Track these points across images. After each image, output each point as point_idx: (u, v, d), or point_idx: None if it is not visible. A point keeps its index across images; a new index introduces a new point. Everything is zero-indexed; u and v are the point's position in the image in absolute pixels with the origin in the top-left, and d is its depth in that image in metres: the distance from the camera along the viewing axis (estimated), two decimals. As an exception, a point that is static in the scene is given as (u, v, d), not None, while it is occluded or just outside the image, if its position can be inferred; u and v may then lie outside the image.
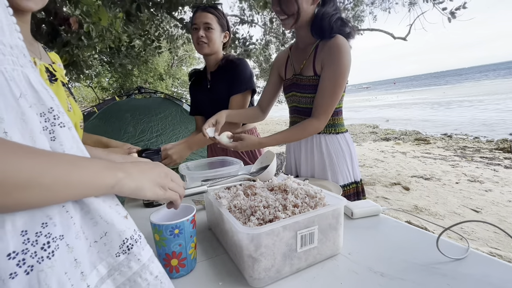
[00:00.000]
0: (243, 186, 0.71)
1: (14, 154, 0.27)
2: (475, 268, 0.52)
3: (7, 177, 0.25)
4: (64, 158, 0.32)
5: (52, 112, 0.34)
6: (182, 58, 13.27)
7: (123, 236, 0.36)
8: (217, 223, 0.68)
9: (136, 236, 0.38)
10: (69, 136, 0.36)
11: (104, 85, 11.52)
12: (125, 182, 0.38)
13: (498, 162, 4.21)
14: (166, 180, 0.47)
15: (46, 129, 0.33)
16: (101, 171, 0.35)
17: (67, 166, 0.31)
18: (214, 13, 1.25)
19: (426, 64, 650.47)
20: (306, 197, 0.61)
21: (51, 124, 0.34)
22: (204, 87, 1.41)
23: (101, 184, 0.35)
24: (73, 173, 0.31)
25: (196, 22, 1.24)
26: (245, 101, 1.30)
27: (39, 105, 0.33)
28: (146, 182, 0.42)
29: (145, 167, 0.44)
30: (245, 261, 0.51)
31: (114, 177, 0.37)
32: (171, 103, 3.33)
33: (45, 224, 0.29)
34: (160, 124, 3.13)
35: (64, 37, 2.54)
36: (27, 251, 0.27)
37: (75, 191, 0.32)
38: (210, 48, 1.27)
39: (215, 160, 1.12)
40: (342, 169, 1.06)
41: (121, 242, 0.36)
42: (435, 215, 2.65)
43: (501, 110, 9.94)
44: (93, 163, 0.35)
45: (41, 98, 0.33)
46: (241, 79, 1.28)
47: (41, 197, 0.29)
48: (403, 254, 0.58)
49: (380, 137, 7.24)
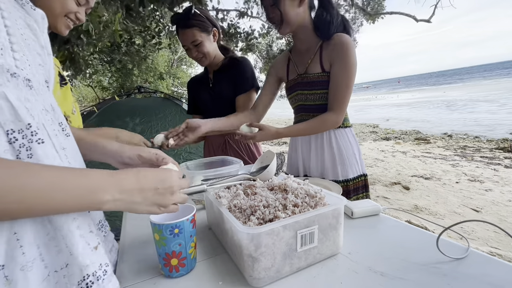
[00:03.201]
0: (243, 185, 0.71)
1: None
2: (475, 268, 0.52)
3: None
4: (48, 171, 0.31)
5: (29, 129, 0.33)
6: (182, 58, 13.26)
7: (84, 271, 0.34)
8: (217, 223, 0.68)
9: (100, 272, 0.36)
10: (47, 151, 0.34)
11: (104, 84, 11.51)
12: (112, 205, 0.36)
13: (499, 161, 4.21)
14: (169, 198, 0.44)
15: (23, 146, 0.32)
16: (91, 187, 0.33)
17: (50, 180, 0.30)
18: (194, 24, 1.19)
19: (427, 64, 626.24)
20: (306, 196, 0.61)
21: (29, 141, 0.33)
22: (206, 86, 1.41)
23: (84, 203, 0.33)
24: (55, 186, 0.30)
25: (185, 44, 1.23)
26: (250, 100, 1.31)
27: (16, 122, 0.32)
28: (139, 205, 0.40)
29: (149, 184, 0.41)
30: (245, 261, 0.51)
31: (103, 197, 0.35)
32: (171, 103, 3.33)
33: None
34: (160, 124, 3.13)
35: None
36: None
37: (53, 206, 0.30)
38: (208, 59, 1.28)
39: (215, 160, 1.11)
40: (352, 163, 1.09)
41: (81, 278, 0.34)
42: (435, 214, 2.65)
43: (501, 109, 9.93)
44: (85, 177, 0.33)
45: (18, 115, 0.32)
46: (245, 78, 1.29)
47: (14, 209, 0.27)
48: (403, 254, 0.58)
49: (380, 137, 7.24)
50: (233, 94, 1.31)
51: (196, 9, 1.22)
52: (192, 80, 1.51)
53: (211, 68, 1.38)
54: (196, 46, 1.22)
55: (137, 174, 0.41)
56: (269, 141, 7.88)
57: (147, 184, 0.41)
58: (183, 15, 1.21)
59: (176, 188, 0.45)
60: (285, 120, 14.17)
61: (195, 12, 1.20)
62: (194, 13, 1.20)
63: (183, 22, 1.20)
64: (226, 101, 1.33)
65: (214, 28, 1.27)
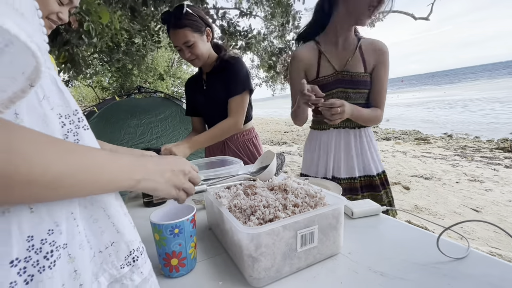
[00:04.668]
0: (243, 185, 0.71)
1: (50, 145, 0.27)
2: (475, 268, 0.52)
3: (36, 176, 0.25)
4: (98, 152, 0.33)
5: (77, 115, 0.34)
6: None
7: (131, 247, 0.36)
8: (217, 223, 0.68)
9: (141, 248, 0.38)
10: (91, 138, 0.36)
11: (104, 84, 11.51)
12: (143, 184, 0.39)
13: (499, 161, 4.21)
14: (183, 180, 0.48)
15: (71, 131, 0.33)
16: (126, 169, 0.36)
17: (99, 159, 0.32)
18: (186, 24, 1.13)
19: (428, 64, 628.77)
20: (306, 196, 0.61)
21: (76, 126, 0.33)
22: (200, 88, 1.39)
23: (123, 182, 0.35)
24: (104, 167, 0.32)
25: (176, 45, 1.18)
26: (243, 102, 1.28)
27: (64, 107, 0.33)
28: (162, 184, 0.43)
29: (166, 166, 0.45)
30: (245, 261, 0.51)
31: (133, 180, 0.37)
32: (171, 103, 3.33)
33: (51, 231, 0.28)
34: (160, 126, 3.13)
35: (64, 36, 2.54)
36: (29, 259, 0.26)
37: (101, 186, 0.32)
38: (201, 60, 1.24)
39: (215, 160, 1.11)
40: (380, 158, 1.20)
41: (127, 253, 0.35)
42: (435, 214, 2.65)
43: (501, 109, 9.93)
44: (120, 160, 0.35)
45: (66, 100, 0.33)
46: (237, 80, 1.25)
47: (70, 188, 0.29)
48: (403, 254, 0.58)
49: (380, 137, 7.24)
50: (226, 97, 1.27)
51: (188, 7, 1.15)
52: (188, 80, 1.49)
53: (205, 69, 1.36)
54: (188, 47, 1.17)
55: (154, 159, 0.44)
56: (269, 141, 7.88)
57: (164, 166, 0.45)
58: (174, 14, 1.14)
59: (187, 171, 0.49)
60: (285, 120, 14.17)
61: (187, 11, 1.14)
62: (186, 12, 1.13)
63: (175, 22, 1.14)
64: (220, 104, 1.30)
65: (208, 27, 1.22)
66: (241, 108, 1.27)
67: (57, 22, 0.78)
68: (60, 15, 0.77)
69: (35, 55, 0.24)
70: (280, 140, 7.93)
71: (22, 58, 0.24)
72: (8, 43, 0.22)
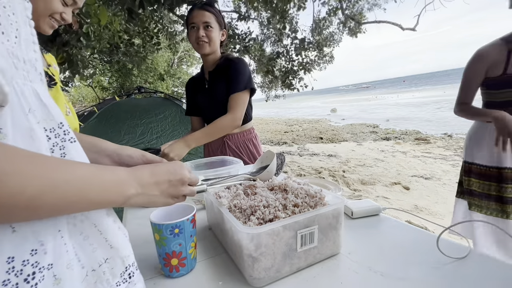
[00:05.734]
0: (243, 185, 0.71)
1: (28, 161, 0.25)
2: (476, 268, 0.52)
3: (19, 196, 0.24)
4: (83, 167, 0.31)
5: (62, 128, 0.33)
6: (182, 58, 13.26)
7: (126, 262, 0.34)
8: (217, 223, 0.68)
9: (135, 263, 0.36)
10: (79, 151, 0.34)
11: (104, 84, 11.51)
12: (135, 199, 0.37)
13: (498, 161, 4.20)
14: (182, 188, 0.46)
15: (57, 145, 0.31)
16: (114, 188, 0.34)
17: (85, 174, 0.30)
18: (212, 11, 1.23)
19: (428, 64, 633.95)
20: (306, 196, 0.61)
21: (62, 139, 0.32)
22: (202, 87, 1.40)
23: (113, 198, 0.34)
24: (90, 183, 0.30)
25: (195, 21, 1.21)
26: (244, 100, 1.28)
27: (48, 121, 0.31)
28: (158, 197, 0.41)
29: (163, 177, 0.43)
30: (245, 261, 0.51)
31: (123, 197, 0.35)
32: (171, 103, 3.33)
33: (34, 251, 0.26)
34: (160, 125, 3.13)
35: (64, 37, 2.54)
36: (8, 283, 0.24)
37: (87, 203, 0.30)
38: (211, 47, 1.26)
39: (215, 160, 1.11)
40: None
41: (123, 269, 0.34)
42: (435, 214, 2.65)
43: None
44: (109, 174, 0.33)
45: (50, 113, 0.32)
46: (240, 78, 1.26)
47: (52, 207, 0.27)
48: (403, 254, 0.58)
49: (380, 137, 7.24)
50: (227, 95, 1.28)
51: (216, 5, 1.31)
52: (190, 80, 1.50)
53: (207, 69, 1.37)
54: (205, 28, 1.23)
55: (150, 168, 0.42)
56: (269, 141, 7.88)
57: (161, 177, 0.43)
58: (205, 1, 1.27)
59: (186, 179, 0.47)
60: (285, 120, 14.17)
61: (216, 5, 1.27)
62: (215, 5, 1.27)
63: (203, 5, 1.24)
64: (221, 102, 1.30)
65: (224, 29, 1.32)
66: (241, 105, 1.27)
67: (60, 22, 0.77)
68: (64, 16, 0.77)
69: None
70: (280, 140, 7.93)
71: None
72: None
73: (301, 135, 8.64)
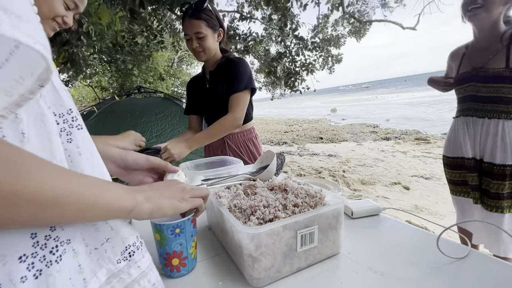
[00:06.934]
0: (243, 185, 0.71)
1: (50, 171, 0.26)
2: (476, 268, 0.52)
3: (43, 194, 0.25)
4: (91, 180, 0.32)
5: (70, 114, 0.34)
6: (182, 58, 13.26)
7: (126, 242, 0.37)
8: (217, 223, 0.69)
9: (138, 243, 0.38)
10: (85, 138, 0.35)
11: (104, 84, 11.50)
12: (143, 205, 0.39)
13: (498, 161, 4.21)
14: (184, 192, 0.48)
15: (64, 131, 0.33)
16: (122, 194, 0.35)
17: (95, 188, 0.31)
18: (203, 18, 1.21)
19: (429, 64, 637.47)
20: (306, 196, 0.61)
21: (69, 126, 0.33)
22: (203, 87, 1.40)
23: (121, 208, 0.35)
24: (99, 195, 0.32)
25: (187, 33, 1.23)
26: (244, 100, 1.28)
27: (58, 106, 0.32)
28: (163, 201, 0.43)
29: (161, 187, 0.46)
30: (245, 261, 0.51)
31: (133, 201, 0.37)
32: (170, 103, 3.33)
33: (53, 228, 0.29)
34: (159, 124, 3.14)
35: (64, 36, 2.54)
36: (36, 255, 0.27)
37: (98, 213, 0.32)
38: (206, 55, 1.28)
39: (215, 160, 1.12)
40: None
41: (123, 248, 0.36)
42: (435, 214, 2.65)
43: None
44: (115, 186, 0.35)
45: (60, 98, 0.33)
46: (241, 78, 1.27)
47: (68, 216, 0.29)
48: (403, 254, 0.58)
49: (380, 137, 7.24)
50: (228, 95, 1.29)
51: (209, 5, 1.25)
52: (191, 80, 1.51)
53: (208, 69, 1.37)
54: (198, 38, 1.23)
55: (150, 185, 0.45)
56: (269, 141, 7.88)
57: (161, 185, 0.46)
58: (194, 5, 1.24)
59: (187, 187, 0.49)
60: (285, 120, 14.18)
61: (206, 7, 1.22)
62: (206, 7, 1.22)
63: (192, 12, 1.22)
64: (222, 102, 1.31)
65: (221, 28, 1.29)
66: (241, 105, 1.27)
67: (61, 26, 0.78)
68: (65, 19, 0.77)
69: (44, 56, 0.24)
70: (280, 140, 7.93)
71: (31, 60, 0.24)
72: (13, 50, 0.22)
73: (301, 135, 8.64)
